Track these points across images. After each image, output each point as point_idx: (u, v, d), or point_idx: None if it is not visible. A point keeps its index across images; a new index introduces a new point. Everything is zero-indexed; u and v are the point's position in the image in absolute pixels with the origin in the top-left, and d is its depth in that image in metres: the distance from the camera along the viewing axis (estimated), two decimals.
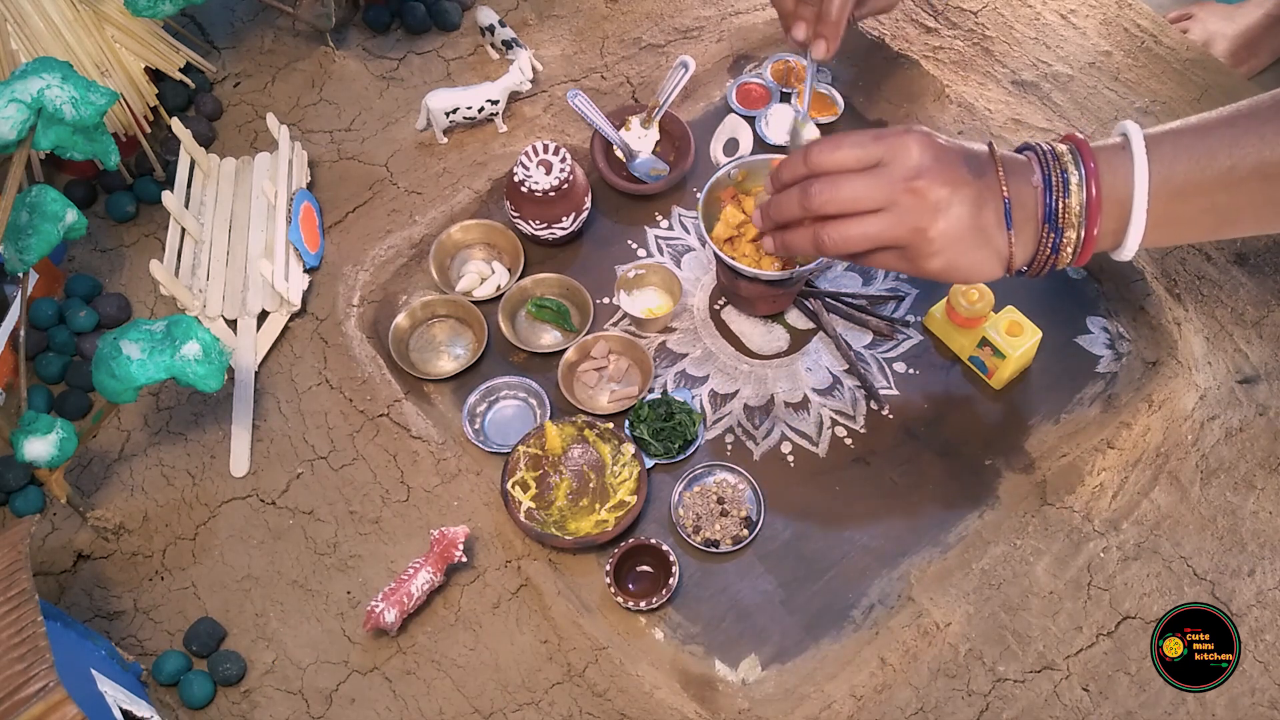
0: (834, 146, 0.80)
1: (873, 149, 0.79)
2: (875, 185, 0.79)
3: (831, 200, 0.80)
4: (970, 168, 0.79)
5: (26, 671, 0.67)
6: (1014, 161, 0.81)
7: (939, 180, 0.78)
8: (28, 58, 1.03)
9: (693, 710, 0.85)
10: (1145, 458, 0.94)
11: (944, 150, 0.79)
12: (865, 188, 0.79)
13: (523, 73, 1.14)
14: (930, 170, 0.78)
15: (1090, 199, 0.79)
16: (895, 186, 0.78)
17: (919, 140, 0.79)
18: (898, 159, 0.78)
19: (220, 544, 0.94)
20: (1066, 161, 0.80)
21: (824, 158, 0.80)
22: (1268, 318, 1.02)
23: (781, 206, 0.84)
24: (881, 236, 0.80)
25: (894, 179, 0.78)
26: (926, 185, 0.77)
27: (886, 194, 0.78)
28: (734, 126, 1.17)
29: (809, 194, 0.80)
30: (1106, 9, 1.24)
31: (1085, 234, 0.80)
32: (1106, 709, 0.85)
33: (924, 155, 0.78)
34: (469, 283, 1.07)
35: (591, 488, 0.95)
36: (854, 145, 0.80)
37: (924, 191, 0.77)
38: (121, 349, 0.84)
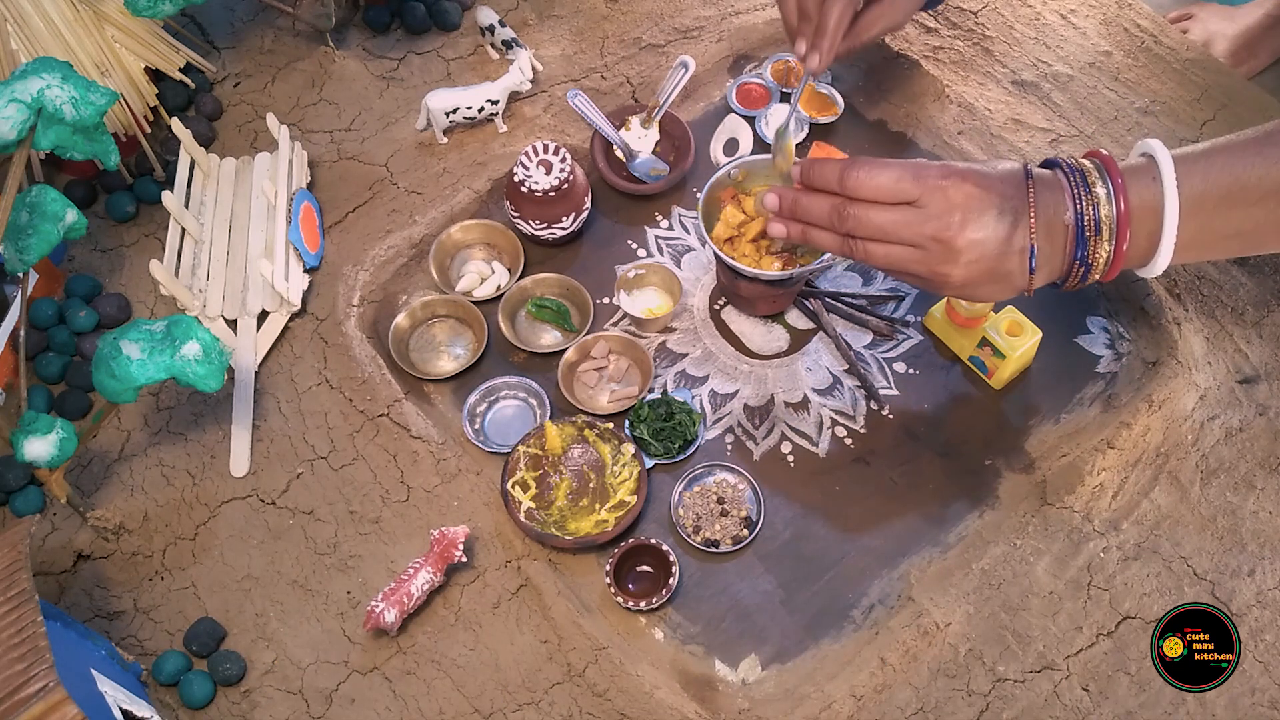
0: (872, 174, 0.81)
1: (910, 187, 0.80)
2: (905, 226, 0.81)
3: (861, 228, 0.82)
4: (1002, 214, 0.80)
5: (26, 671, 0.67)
6: (1047, 194, 0.81)
7: (968, 232, 0.79)
8: (28, 58, 1.03)
9: (693, 710, 0.85)
10: (1145, 458, 0.94)
11: (980, 200, 0.79)
12: (895, 226, 0.81)
13: (523, 73, 1.14)
14: (962, 224, 0.79)
15: (1120, 222, 0.80)
16: (925, 232, 0.80)
17: (957, 189, 0.79)
18: (933, 205, 0.80)
19: (220, 544, 0.94)
20: (1097, 192, 0.80)
21: (861, 184, 0.82)
22: (1268, 318, 1.02)
23: (811, 211, 0.85)
24: (904, 266, 0.83)
25: (925, 224, 0.80)
26: (955, 237, 0.79)
27: (915, 236, 0.81)
28: (734, 126, 1.17)
29: (842, 215, 0.83)
30: (1106, 9, 1.24)
31: (1113, 258, 0.81)
32: (1106, 709, 0.85)
33: (960, 207, 0.79)
34: (469, 283, 1.07)
35: (591, 488, 0.95)
36: (892, 180, 0.81)
37: (952, 242, 0.80)
38: (121, 349, 0.84)
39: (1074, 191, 0.81)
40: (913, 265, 0.82)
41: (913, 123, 1.17)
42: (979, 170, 0.81)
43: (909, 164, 0.82)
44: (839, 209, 0.83)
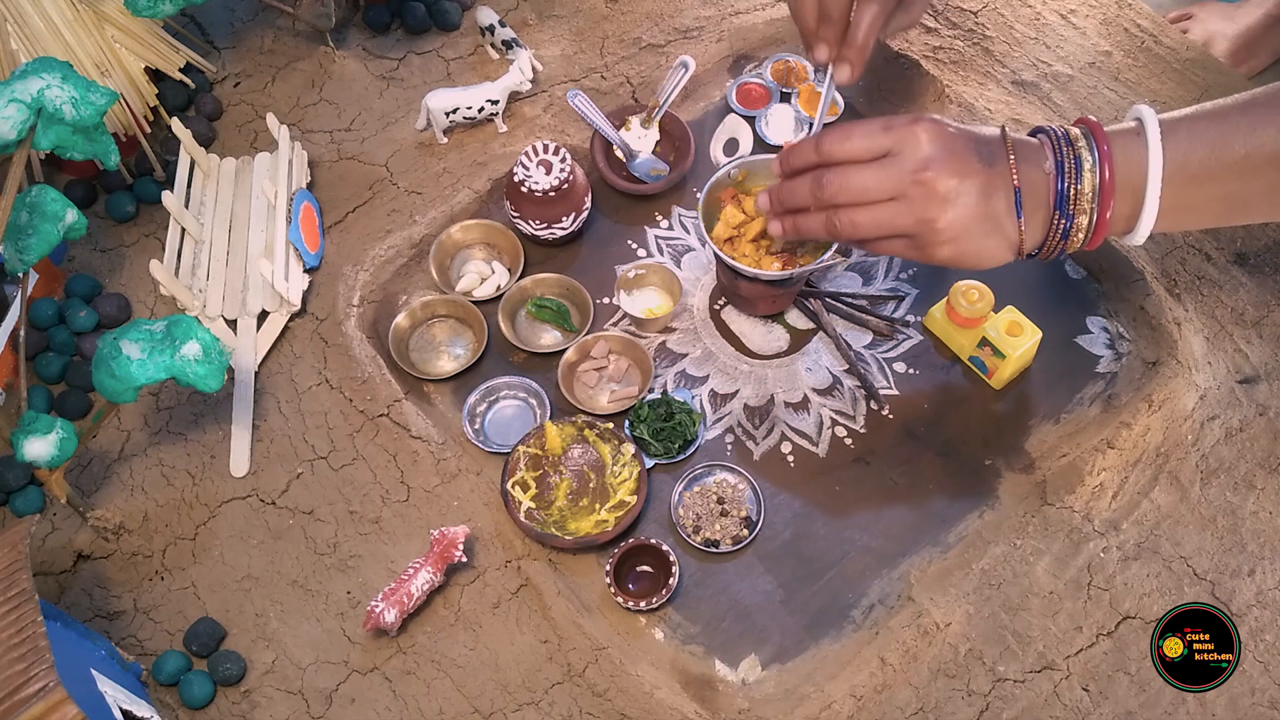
0: (844, 136, 0.81)
1: (882, 139, 0.79)
2: (885, 176, 0.79)
3: (843, 190, 0.81)
4: (981, 156, 0.79)
5: (26, 671, 0.67)
6: (1026, 146, 0.81)
7: (948, 171, 0.78)
8: (28, 58, 1.03)
9: (693, 710, 0.85)
10: (1145, 458, 0.94)
11: (954, 139, 0.79)
12: (875, 179, 0.80)
13: (523, 73, 1.14)
14: (939, 161, 0.78)
15: (1103, 183, 0.79)
16: (904, 178, 0.79)
17: (928, 130, 0.79)
18: (907, 149, 0.79)
19: (220, 544, 0.94)
20: (1080, 145, 0.80)
21: (835, 147, 0.81)
22: (1268, 318, 1.02)
23: (793, 193, 0.85)
24: (892, 225, 0.81)
25: (903, 170, 0.79)
26: (935, 176, 0.78)
27: (896, 185, 0.79)
28: (734, 126, 1.17)
29: (821, 184, 0.81)
30: (1106, 9, 1.24)
31: (1098, 218, 0.80)
32: (1106, 709, 0.85)
33: (933, 145, 0.78)
34: (469, 283, 1.07)
35: (591, 488, 0.95)
36: (864, 135, 0.80)
37: (932, 183, 0.78)
38: (121, 349, 0.84)
39: (1056, 148, 0.80)
40: (899, 220, 0.80)
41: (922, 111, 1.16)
42: (955, 125, 0.80)
43: (878, 119, 0.81)
44: (817, 178, 0.82)
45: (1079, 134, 0.80)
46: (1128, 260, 1.04)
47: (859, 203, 0.81)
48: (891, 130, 0.79)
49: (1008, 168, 0.79)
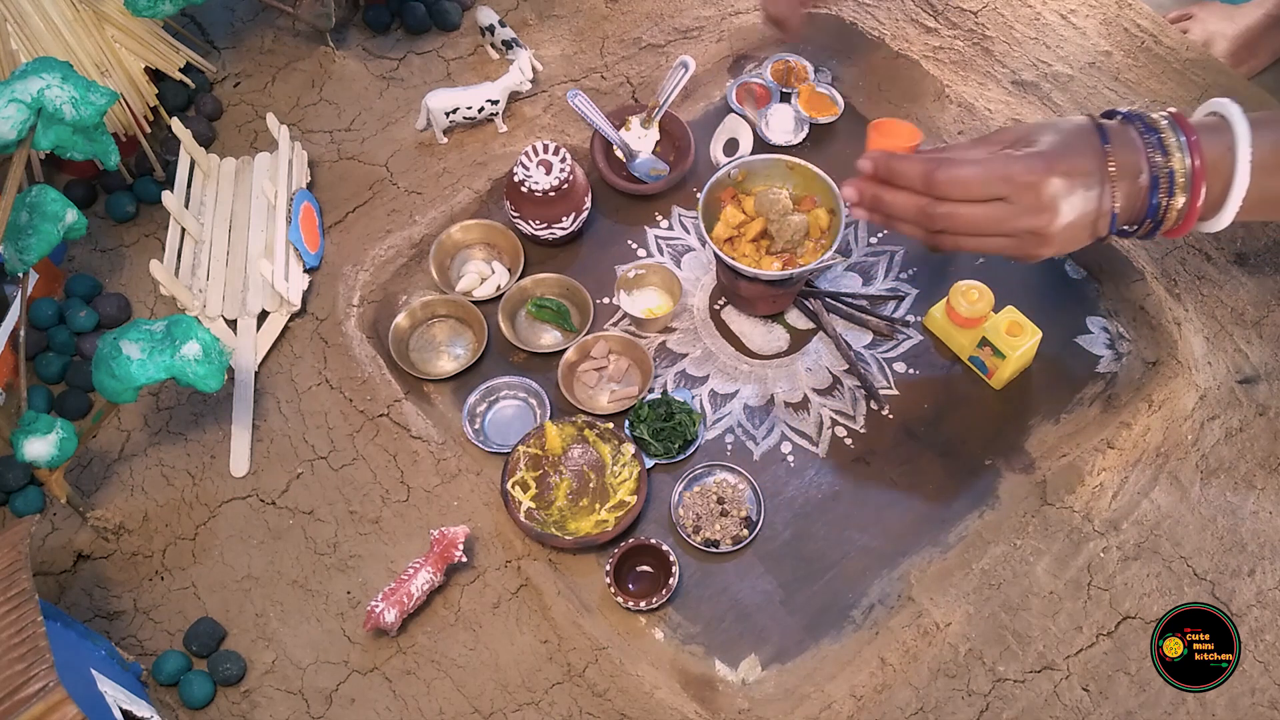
0: (960, 177, 0.81)
1: (999, 188, 0.81)
2: (999, 222, 0.82)
3: (952, 226, 0.83)
4: (1088, 190, 0.81)
5: (26, 671, 0.67)
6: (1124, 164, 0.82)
7: (1061, 219, 0.80)
8: (28, 58, 1.03)
9: (693, 710, 0.85)
10: (1145, 458, 0.94)
11: (1067, 187, 0.80)
12: (988, 222, 0.82)
13: (523, 73, 1.14)
14: (1054, 214, 0.80)
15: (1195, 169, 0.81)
16: (1019, 226, 0.81)
17: (1046, 186, 0.80)
18: (1024, 201, 0.80)
19: (220, 544, 0.94)
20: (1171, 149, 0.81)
21: (950, 189, 0.82)
22: (1268, 318, 1.02)
23: (895, 207, 0.85)
24: (996, 252, 0.85)
25: (1018, 220, 0.81)
26: (1048, 226, 0.80)
27: (1010, 230, 0.82)
28: (734, 126, 1.17)
29: (931, 217, 0.83)
30: (1106, 9, 1.24)
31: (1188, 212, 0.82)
32: (1106, 709, 0.85)
33: (1050, 200, 0.80)
34: (469, 283, 1.07)
35: (591, 488, 0.95)
36: (982, 182, 0.81)
37: (1045, 230, 0.81)
38: (121, 349, 0.84)
39: (1148, 151, 0.82)
40: (1005, 250, 0.84)
41: (913, 123, 1.17)
42: (1060, 152, 0.81)
43: (995, 163, 0.82)
44: (926, 210, 0.83)
45: (1168, 130, 0.82)
46: (1128, 260, 1.04)
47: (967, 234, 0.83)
48: (1009, 181, 0.80)
49: (1110, 193, 0.82)
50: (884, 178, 0.85)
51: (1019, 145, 0.83)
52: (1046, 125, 0.84)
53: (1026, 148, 0.82)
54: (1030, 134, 0.83)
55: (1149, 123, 0.82)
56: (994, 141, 0.85)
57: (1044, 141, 0.82)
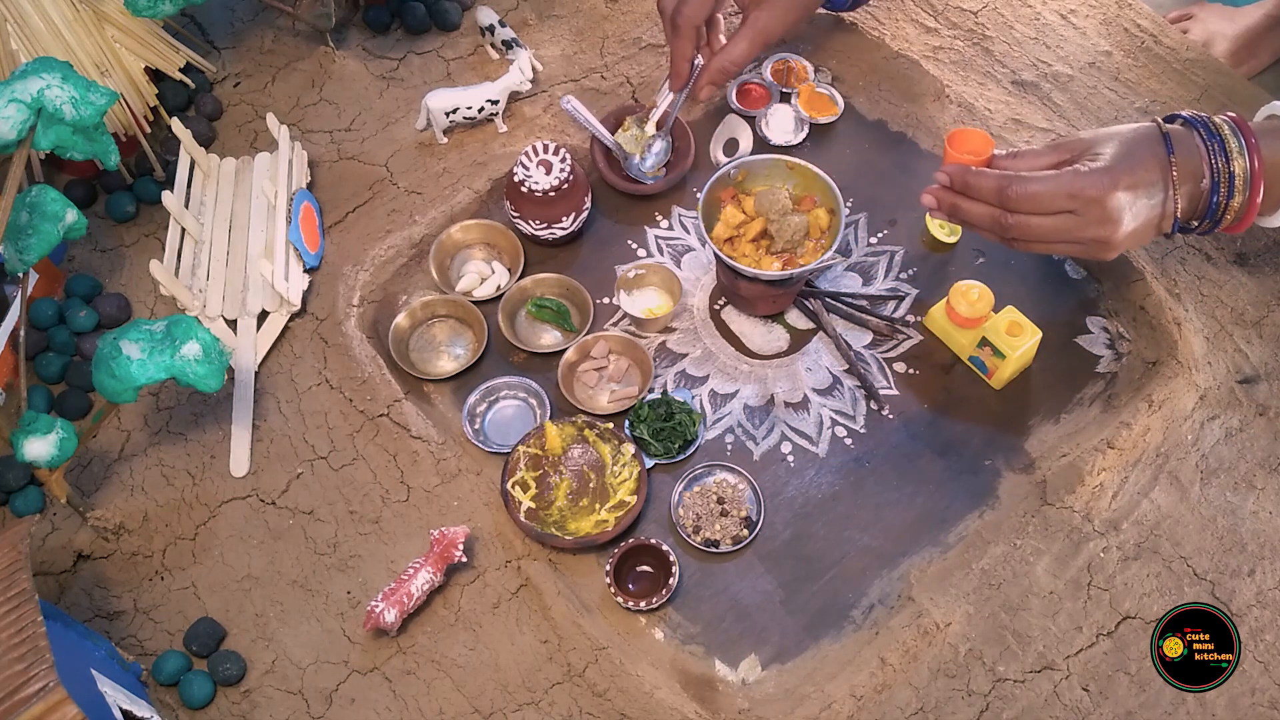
0: (1031, 194, 0.87)
1: (1067, 203, 0.87)
2: (1067, 231, 0.88)
3: (1023, 235, 0.90)
4: (1151, 198, 0.87)
5: (26, 671, 0.67)
6: (1186, 170, 0.88)
7: (1124, 227, 0.87)
8: (28, 58, 1.03)
9: (693, 710, 0.85)
10: (1145, 458, 0.94)
11: (1132, 199, 0.86)
12: (1057, 232, 0.88)
13: (523, 73, 1.14)
14: (1119, 223, 0.86)
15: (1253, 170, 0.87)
16: (1086, 235, 0.88)
17: (1113, 200, 0.86)
18: (1091, 214, 0.86)
19: (220, 544, 0.94)
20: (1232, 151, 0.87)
21: (1021, 203, 0.88)
22: (1268, 318, 1.02)
23: (973, 216, 0.92)
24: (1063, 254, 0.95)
25: (1085, 230, 0.87)
26: (1113, 234, 0.87)
27: (1077, 238, 0.88)
28: (734, 126, 1.17)
29: (1004, 226, 0.90)
30: (1106, 9, 1.24)
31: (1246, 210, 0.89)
32: (1106, 709, 0.85)
33: (1116, 212, 0.86)
34: (469, 283, 1.07)
35: (591, 488, 0.95)
36: (1051, 198, 0.87)
37: (1111, 239, 0.87)
38: (121, 349, 0.84)
39: (1210, 156, 0.88)
40: (1073, 253, 0.94)
41: (913, 123, 1.17)
42: (1126, 165, 0.86)
43: (1062, 179, 0.87)
44: (1000, 220, 0.89)
45: (1225, 126, 0.88)
46: (1128, 260, 1.04)
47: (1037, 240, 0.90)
48: (1077, 196, 0.86)
49: (1173, 198, 0.88)
50: (959, 190, 0.92)
51: (1086, 157, 0.88)
52: (1112, 135, 0.89)
53: (1092, 161, 0.87)
54: (1096, 145, 0.89)
55: (1212, 128, 0.88)
56: (1063, 150, 0.91)
57: (1109, 155, 0.87)
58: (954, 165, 0.93)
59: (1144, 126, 0.90)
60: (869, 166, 1.15)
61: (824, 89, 1.18)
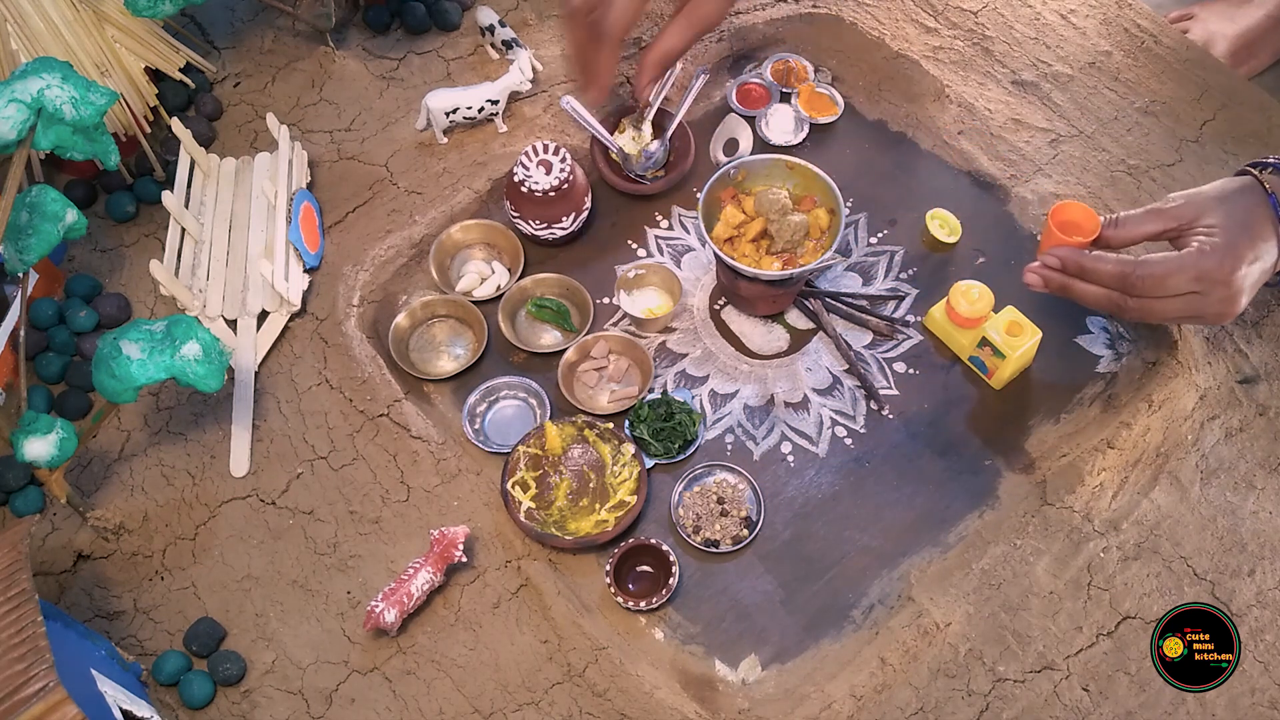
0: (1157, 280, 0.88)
1: (1192, 285, 0.88)
2: (1189, 308, 0.90)
3: (1145, 316, 0.92)
4: (1264, 262, 0.89)
5: (26, 671, 0.67)
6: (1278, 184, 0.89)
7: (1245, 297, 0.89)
8: (28, 58, 1.03)
9: (693, 710, 0.85)
10: (1145, 458, 0.94)
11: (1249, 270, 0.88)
12: (1179, 312, 0.91)
13: (523, 73, 1.14)
14: (1239, 295, 0.88)
15: None
16: (1208, 311, 0.90)
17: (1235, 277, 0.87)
18: (1214, 293, 0.88)
19: (220, 544, 0.94)
20: None
21: (1147, 288, 0.89)
22: (1268, 318, 1.02)
23: (1089, 298, 0.93)
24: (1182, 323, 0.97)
25: (1208, 307, 0.89)
26: (1235, 307, 0.89)
27: (1199, 314, 0.90)
28: (734, 126, 1.17)
29: (1125, 310, 0.91)
30: (1106, 9, 1.24)
31: None
32: (1106, 709, 0.85)
33: (1238, 287, 0.88)
34: (469, 283, 1.07)
35: (591, 488, 0.95)
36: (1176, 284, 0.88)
37: (1232, 311, 0.90)
38: (121, 349, 0.84)
39: None
40: (1186, 322, 0.96)
41: (913, 123, 1.17)
42: (1245, 240, 0.88)
43: (1187, 262, 0.88)
44: (1120, 304, 0.91)
45: None
46: None
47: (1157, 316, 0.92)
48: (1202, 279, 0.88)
49: (1276, 225, 0.89)
50: (1074, 274, 0.93)
51: (1199, 229, 0.89)
52: (1219, 200, 0.90)
53: (1209, 236, 0.88)
54: (1204, 214, 0.90)
55: None
56: (1167, 218, 0.91)
57: (1225, 226, 0.88)
58: (1065, 249, 0.93)
59: (1245, 184, 0.91)
60: (869, 166, 1.15)
61: (824, 89, 1.18)
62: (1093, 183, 1.11)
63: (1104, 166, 1.12)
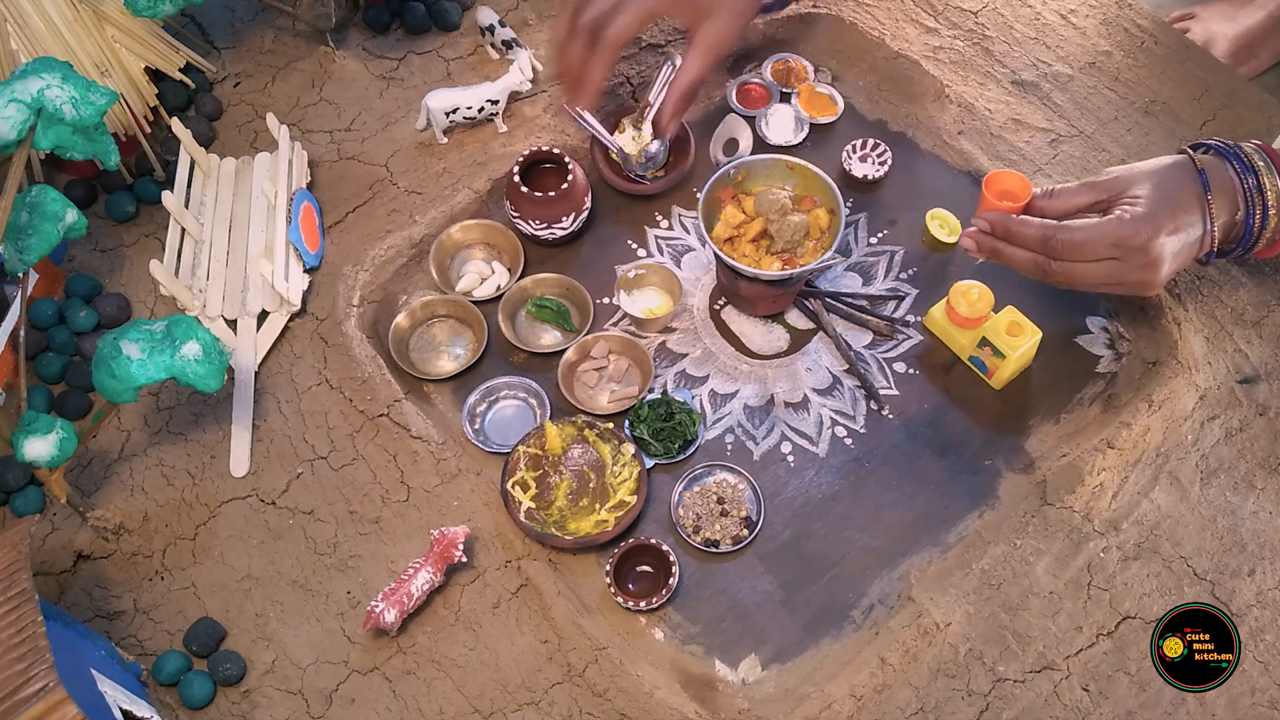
0: (1076, 245, 0.90)
1: (1112, 251, 0.90)
2: (1111, 275, 0.91)
3: (1067, 280, 0.93)
4: (1189, 235, 0.90)
5: (26, 671, 0.67)
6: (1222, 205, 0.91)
7: (1167, 267, 0.90)
8: (28, 58, 1.03)
9: (693, 710, 0.85)
10: (1145, 458, 0.94)
11: (1173, 241, 0.90)
12: (1100, 277, 0.92)
13: (523, 73, 1.14)
14: (1161, 263, 0.90)
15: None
16: (1130, 279, 0.91)
17: (1156, 244, 0.89)
18: (1134, 259, 0.90)
19: (220, 544, 0.94)
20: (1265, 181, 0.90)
21: (1067, 251, 0.91)
22: (1268, 318, 1.02)
23: (1015, 260, 0.95)
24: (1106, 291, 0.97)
25: (1128, 274, 0.91)
26: (1156, 275, 0.91)
27: (1121, 280, 0.92)
28: (734, 126, 1.17)
29: (1048, 273, 0.93)
30: (1106, 9, 1.24)
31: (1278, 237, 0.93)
32: (1106, 709, 0.85)
33: (1159, 255, 0.89)
34: (469, 283, 1.07)
35: (591, 488, 0.95)
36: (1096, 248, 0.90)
37: (1154, 280, 0.91)
38: (121, 349, 0.84)
39: (1244, 187, 0.91)
40: (1113, 291, 0.95)
41: (913, 123, 1.17)
42: (1167, 209, 0.89)
43: (1106, 228, 0.90)
44: (1044, 267, 0.93)
45: (1256, 157, 0.91)
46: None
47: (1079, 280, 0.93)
48: (1121, 244, 0.89)
49: (1211, 234, 0.91)
50: (1001, 236, 0.95)
51: (1124, 199, 0.91)
52: (1148, 174, 0.91)
53: (1132, 206, 0.90)
54: (1133, 185, 0.91)
55: (1244, 157, 0.91)
56: (1099, 190, 0.93)
57: (1148, 198, 0.90)
58: (994, 213, 0.95)
59: (1177, 161, 0.91)
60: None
61: (824, 89, 1.18)
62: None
63: (1104, 166, 1.12)
